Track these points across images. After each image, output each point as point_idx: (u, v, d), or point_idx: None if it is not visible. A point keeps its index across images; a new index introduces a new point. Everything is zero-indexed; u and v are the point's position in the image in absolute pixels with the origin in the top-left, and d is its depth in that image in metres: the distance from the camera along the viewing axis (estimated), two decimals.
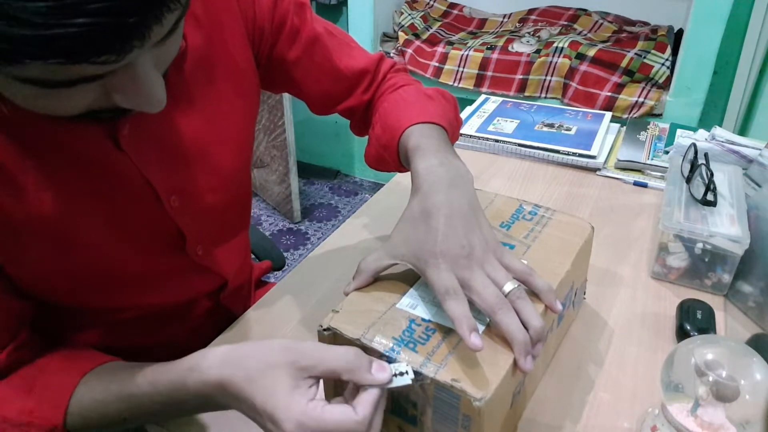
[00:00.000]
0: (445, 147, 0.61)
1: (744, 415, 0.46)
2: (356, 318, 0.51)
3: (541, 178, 1.01)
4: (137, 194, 0.58)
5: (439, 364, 0.47)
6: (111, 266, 0.59)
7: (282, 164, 2.31)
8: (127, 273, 0.61)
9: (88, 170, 0.54)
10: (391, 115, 0.67)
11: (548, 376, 0.61)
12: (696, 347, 0.49)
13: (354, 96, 0.75)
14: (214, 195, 0.65)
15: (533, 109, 1.21)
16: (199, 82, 0.62)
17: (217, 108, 0.64)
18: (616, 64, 1.82)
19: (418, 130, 0.63)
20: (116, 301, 0.63)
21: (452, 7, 2.42)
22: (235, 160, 0.68)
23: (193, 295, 0.70)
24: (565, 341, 0.66)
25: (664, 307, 0.72)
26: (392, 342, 0.49)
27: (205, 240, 0.67)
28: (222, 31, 0.63)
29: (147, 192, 0.58)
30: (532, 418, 0.57)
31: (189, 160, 0.62)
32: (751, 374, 0.46)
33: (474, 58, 2.01)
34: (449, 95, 0.74)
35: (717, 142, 0.96)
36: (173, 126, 0.60)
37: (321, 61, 0.72)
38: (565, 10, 2.19)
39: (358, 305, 0.53)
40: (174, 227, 0.62)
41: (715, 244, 0.71)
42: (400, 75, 0.77)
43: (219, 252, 0.70)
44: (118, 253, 0.59)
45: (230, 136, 0.66)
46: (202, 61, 0.61)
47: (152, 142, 0.58)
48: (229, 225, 0.72)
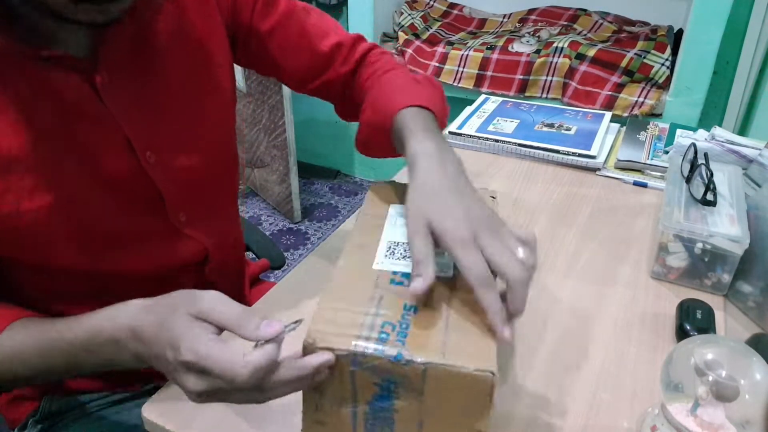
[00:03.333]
0: (435, 130, 0.61)
1: (744, 415, 0.46)
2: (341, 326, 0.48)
3: (541, 178, 1.01)
4: (113, 145, 0.60)
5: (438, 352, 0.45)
6: (88, 218, 0.60)
7: (282, 164, 2.31)
8: (106, 229, 0.62)
9: (66, 113, 0.56)
10: (383, 98, 0.67)
11: (548, 375, 0.62)
12: (696, 347, 0.49)
13: (331, 69, 0.76)
14: (187, 157, 0.67)
15: (533, 109, 1.21)
16: (179, 40, 0.64)
17: (195, 70, 0.67)
18: (615, 64, 1.82)
19: (411, 112, 0.63)
20: (96, 262, 0.63)
21: (452, 7, 2.42)
22: (211, 126, 0.70)
23: (175, 263, 0.70)
24: (565, 341, 0.66)
25: (664, 307, 0.72)
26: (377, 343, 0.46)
27: (186, 206, 0.68)
28: (197, 2, 0.66)
29: (123, 145, 0.60)
30: (532, 418, 0.57)
31: (164, 118, 0.64)
32: (750, 374, 0.46)
33: (474, 58, 2.01)
34: (436, 82, 0.73)
35: (717, 142, 0.96)
36: (152, 80, 0.62)
37: (296, 35, 0.74)
38: (565, 10, 2.19)
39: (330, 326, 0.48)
40: (152, 186, 0.64)
41: (714, 244, 0.71)
42: (386, 58, 0.77)
43: (202, 221, 0.71)
44: (95, 206, 0.60)
45: (208, 101, 0.69)
46: (180, 30, 0.64)
47: (129, 93, 0.60)
48: (210, 196, 0.73)
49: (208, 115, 0.69)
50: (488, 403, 0.45)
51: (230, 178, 0.78)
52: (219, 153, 0.72)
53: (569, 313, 0.71)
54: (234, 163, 0.78)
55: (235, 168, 0.79)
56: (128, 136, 0.60)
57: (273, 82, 2.14)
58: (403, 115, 0.63)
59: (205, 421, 0.56)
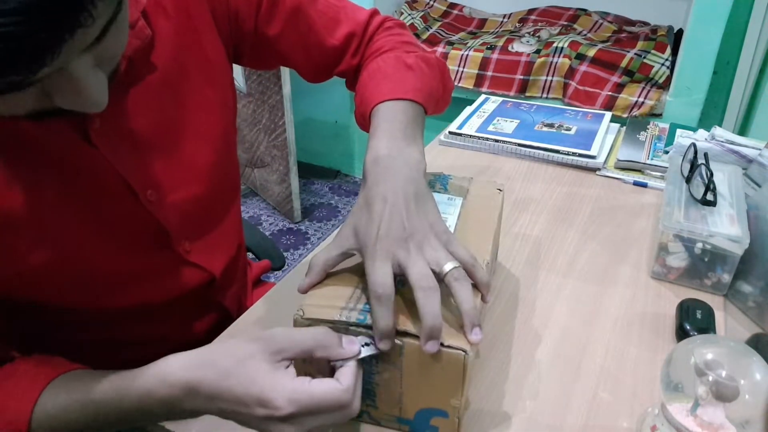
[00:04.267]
0: (403, 131, 0.59)
1: (744, 415, 0.46)
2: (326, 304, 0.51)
3: (541, 178, 1.01)
4: (112, 190, 0.58)
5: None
6: (92, 264, 0.59)
7: (282, 164, 2.31)
8: (110, 270, 0.61)
9: (59, 167, 0.54)
10: (366, 88, 0.66)
11: (548, 375, 0.62)
12: (696, 347, 0.49)
13: (344, 62, 0.74)
14: (188, 189, 0.65)
15: (533, 109, 1.21)
16: (170, 73, 0.61)
17: (189, 99, 0.64)
18: (615, 64, 1.82)
19: (384, 109, 0.62)
20: (102, 300, 0.63)
21: (452, 7, 2.42)
22: (210, 154, 0.67)
23: (182, 291, 0.70)
24: (565, 341, 0.66)
25: (664, 307, 0.72)
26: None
27: (190, 235, 0.67)
28: (191, 21, 0.63)
29: (121, 188, 0.59)
30: (533, 418, 0.57)
31: (162, 153, 0.62)
32: (750, 374, 0.46)
33: (474, 58, 2.01)
34: (433, 60, 0.71)
35: (717, 142, 0.96)
36: (145, 118, 0.60)
37: (306, 32, 0.71)
38: (565, 10, 2.20)
39: (320, 299, 0.52)
40: (154, 222, 0.62)
41: (714, 244, 0.71)
42: (385, 37, 0.74)
43: (206, 247, 0.70)
44: (97, 251, 0.58)
45: (205, 129, 0.66)
46: (174, 52, 0.61)
47: (124, 136, 0.58)
48: (213, 220, 0.71)
49: (205, 144, 0.67)
50: (461, 380, 0.48)
51: (230, 199, 0.76)
52: (218, 177, 0.70)
53: (569, 313, 0.71)
54: (232, 182, 0.76)
55: (234, 188, 0.77)
56: (126, 178, 0.58)
57: (273, 82, 2.14)
58: (375, 112, 0.62)
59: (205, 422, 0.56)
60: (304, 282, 0.54)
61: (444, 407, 0.50)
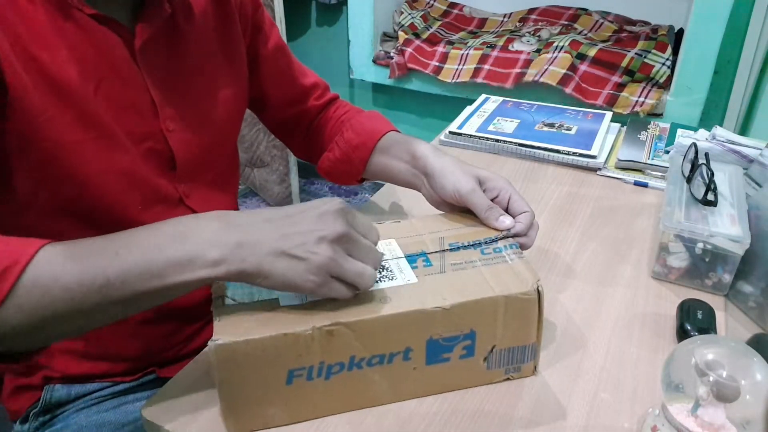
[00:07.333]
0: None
1: (744, 416, 0.46)
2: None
3: (542, 178, 1.01)
4: (140, 104, 0.65)
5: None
6: (113, 161, 0.63)
7: (282, 164, 2.31)
8: (123, 169, 0.65)
9: (103, 67, 0.62)
10: (366, 124, 0.83)
11: (548, 376, 0.61)
12: (696, 347, 0.49)
13: (308, 102, 0.90)
14: (202, 133, 0.73)
15: (533, 108, 1.21)
16: (204, 29, 0.72)
17: (217, 59, 0.75)
18: (616, 63, 1.82)
19: (396, 134, 0.81)
20: (107, 205, 0.65)
21: (452, 7, 2.42)
22: (226, 113, 0.77)
23: None
24: (565, 341, 0.66)
25: (665, 307, 0.72)
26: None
27: (191, 177, 0.73)
28: (227, 2, 0.75)
29: (148, 106, 0.66)
30: (533, 418, 0.57)
31: (188, 92, 0.71)
32: (751, 374, 0.46)
33: (474, 57, 2.00)
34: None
35: (717, 141, 0.96)
36: (178, 58, 0.69)
37: (283, 67, 0.87)
38: (566, 10, 2.19)
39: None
40: (168, 151, 0.69)
41: (715, 244, 0.71)
42: (350, 105, 0.92)
43: (201, 197, 0.75)
44: (118, 152, 0.64)
45: (222, 99, 0.75)
46: (212, 15, 0.73)
47: (160, 63, 0.67)
48: (213, 173, 0.77)
49: (224, 99, 0.76)
50: (538, 315, 0.56)
51: (232, 166, 0.83)
52: (227, 137, 0.79)
53: (569, 312, 0.70)
54: (234, 172, 0.85)
55: (235, 161, 0.85)
56: (155, 100, 0.66)
57: None
58: (392, 135, 0.81)
59: (205, 421, 0.56)
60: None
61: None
